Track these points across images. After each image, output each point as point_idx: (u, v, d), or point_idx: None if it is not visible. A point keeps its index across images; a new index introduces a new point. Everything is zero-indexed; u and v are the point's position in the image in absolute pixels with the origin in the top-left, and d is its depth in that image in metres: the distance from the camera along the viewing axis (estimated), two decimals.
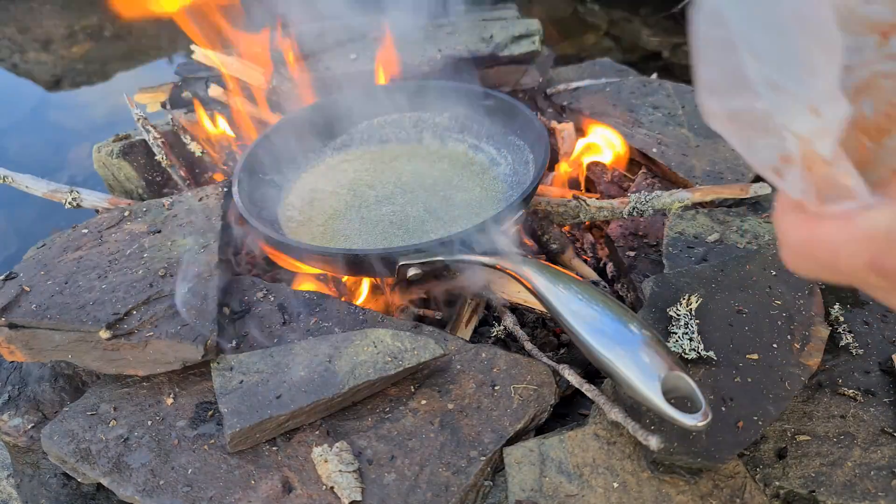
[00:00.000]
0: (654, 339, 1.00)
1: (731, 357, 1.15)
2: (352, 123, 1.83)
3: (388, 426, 1.17)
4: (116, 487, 1.11)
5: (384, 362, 1.19)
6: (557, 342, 1.48)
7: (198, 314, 1.25)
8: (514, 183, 1.61)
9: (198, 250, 1.41)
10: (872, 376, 1.21)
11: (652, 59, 2.88)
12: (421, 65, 2.02)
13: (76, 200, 1.67)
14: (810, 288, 1.29)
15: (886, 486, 1.04)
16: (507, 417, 1.16)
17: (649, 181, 1.77)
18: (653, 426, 1.04)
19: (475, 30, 2.15)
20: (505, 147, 1.71)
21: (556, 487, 1.06)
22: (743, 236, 1.49)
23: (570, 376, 1.17)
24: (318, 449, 1.11)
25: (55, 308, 1.26)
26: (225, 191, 1.61)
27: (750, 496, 1.04)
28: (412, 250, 1.28)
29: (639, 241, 1.62)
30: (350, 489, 1.05)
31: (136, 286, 1.31)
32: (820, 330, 1.21)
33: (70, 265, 1.39)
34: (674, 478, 1.06)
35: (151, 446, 1.15)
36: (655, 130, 1.86)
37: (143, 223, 1.51)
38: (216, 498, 1.08)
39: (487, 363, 1.25)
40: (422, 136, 1.82)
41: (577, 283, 1.12)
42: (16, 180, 1.70)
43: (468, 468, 1.09)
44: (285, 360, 1.21)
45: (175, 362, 1.21)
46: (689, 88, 2.06)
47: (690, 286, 1.28)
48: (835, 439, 1.12)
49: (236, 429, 1.10)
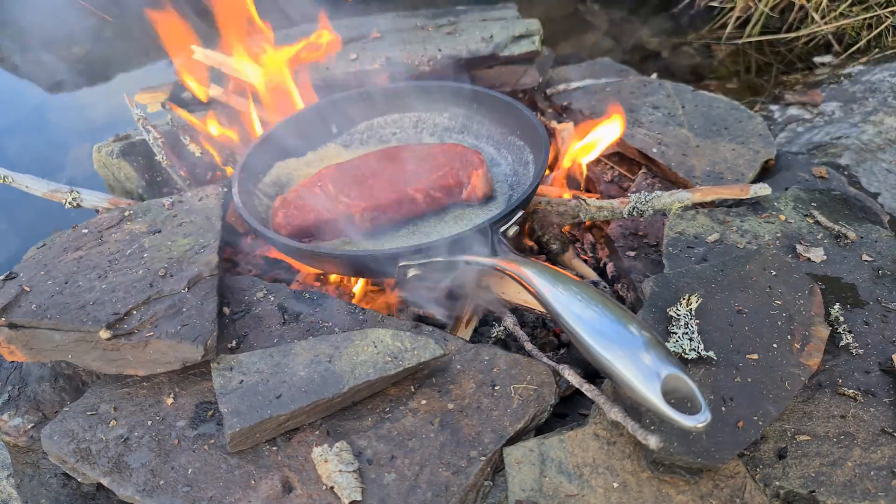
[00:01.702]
0: (653, 341, 1.00)
1: (731, 357, 1.15)
2: (352, 123, 1.83)
3: (388, 426, 1.17)
4: (116, 487, 1.11)
5: (384, 362, 1.19)
6: (557, 342, 1.48)
7: (198, 314, 1.25)
8: (513, 183, 1.61)
9: (198, 250, 1.41)
10: (872, 376, 1.21)
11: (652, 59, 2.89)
12: (421, 65, 2.02)
13: (76, 200, 1.67)
14: (810, 288, 1.29)
15: (886, 486, 1.04)
16: (507, 417, 1.16)
17: (649, 181, 1.77)
18: (653, 426, 1.04)
19: (475, 30, 2.15)
20: (505, 147, 1.71)
21: (556, 487, 1.06)
22: (743, 236, 1.49)
23: (570, 376, 1.17)
24: (318, 449, 1.11)
25: (55, 308, 1.26)
26: (225, 191, 1.61)
27: (750, 496, 1.04)
28: (412, 251, 1.28)
29: (639, 241, 1.62)
30: (350, 489, 1.05)
31: (136, 286, 1.31)
32: (820, 330, 1.21)
33: (70, 265, 1.39)
34: (674, 478, 1.06)
35: (151, 446, 1.15)
36: (655, 130, 1.86)
37: (143, 223, 1.51)
38: (216, 498, 1.08)
39: (487, 363, 1.25)
40: (422, 136, 1.82)
41: (576, 284, 1.12)
42: (16, 180, 1.69)
43: (468, 468, 1.09)
44: (285, 360, 1.21)
45: (175, 362, 1.21)
46: (688, 88, 2.06)
47: (690, 286, 1.28)
48: (835, 439, 1.11)
49: (236, 429, 1.10)
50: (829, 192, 1.65)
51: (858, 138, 1.97)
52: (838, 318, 1.29)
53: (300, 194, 1.49)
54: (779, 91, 2.43)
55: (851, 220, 1.55)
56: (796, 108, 2.25)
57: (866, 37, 2.55)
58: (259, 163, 1.64)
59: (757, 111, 2.27)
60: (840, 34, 2.67)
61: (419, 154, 1.53)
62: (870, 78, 2.27)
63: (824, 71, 2.50)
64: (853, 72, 2.35)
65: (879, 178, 1.86)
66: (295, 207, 1.47)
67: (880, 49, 2.48)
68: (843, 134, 2.01)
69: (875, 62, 2.38)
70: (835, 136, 2.01)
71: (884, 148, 1.93)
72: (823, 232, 1.50)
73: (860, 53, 2.53)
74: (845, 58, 2.55)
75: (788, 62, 2.72)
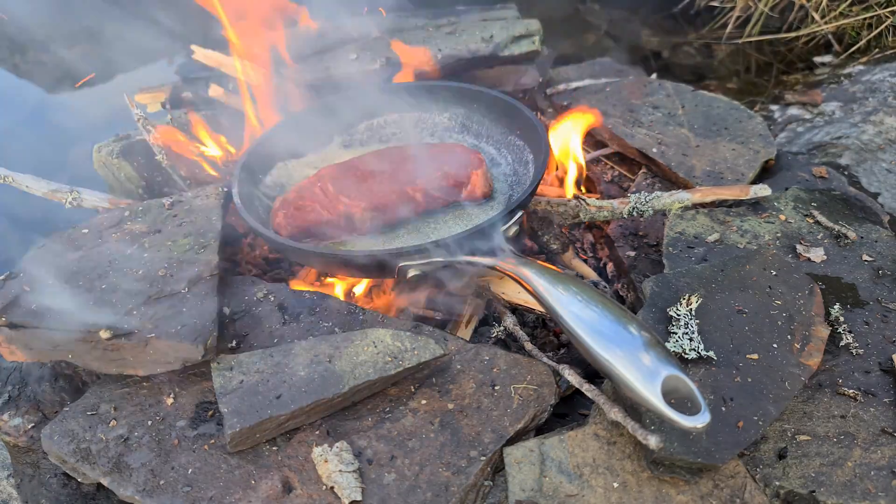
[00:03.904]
0: (653, 341, 1.00)
1: (731, 357, 1.15)
2: (352, 124, 1.83)
3: (388, 426, 1.17)
4: (116, 487, 1.11)
5: (384, 362, 1.19)
6: (557, 342, 1.48)
7: (198, 314, 1.25)
8: (513, 183, 1.61)
9: (198, 250, 1.41)
10: (872, 376, 1.21)
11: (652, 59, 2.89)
12: (421, 65, 2.02)
13: (76, 200, 1.67)
14: (810, 288, 1.29)
15: (886, 486, 1.04)
16: (507, 417, 1.16)
17: (649, 181, 1.77)
18: (653, 426, 1.04)
19: (475, 30, 2.15)
20: (505, 147, 1.71)
21: (556, 487, 1.06)
22: (743, 236, 1.49)
23: (570, 376, 1.17)
24: (318, 449, 1.11)
25: (55, 308, 1.26)
26: (225, 191, 1.61)
27: (750, 496, 1.04)
28: (412, 251, 1.28)
29: (639, 241, 1.62)
30: (350, 489, 1.05)
31: (136, 286, 1.31)
32: (820, 330, 1.21)
33: (70, 265, 1.39)
34: (674, 478, 1.06)
35: (151, 446, 1.15)
36: (655, 130, 1.86)
37: (143, 223, 1.51)
38: (216, 498, 1.08)
39: (487, 363, 1.25)
40: (422, 136, 1.81)
41: (576, 285, 1.12)
42: (16, 180, 1.69)
43: (468, 468, 1.09)
44: (285, 360, 1.21)
45: (175, 362, 1.21)
46: (688, 88, 2.06)
47: (690, 286, 1.28)
48: (835, 439, 1.11)
49: (236, 429, 1.10)
50: (830, 192, 1.65)
51: (858, 138, 1.97)
52: (838, 318, 1.29)
53: (300, 194, 1.49)
54: (779, 91, 2.43)
55: (851, 220, 1.55)
56: (796, 108, 2.24)
57: (866, 37, 2.55)
58: (259, 163, 1.64)
59: (757, 111, 2.27)
60: (840, 34, 2.67)
61: (419, 154, 1.53)
62: (870, 78, 2.27)
63: (824, 71, 2.50)
64: (853, 72, 2.35)
65: (879, 178, 1.86)
66: (295, 208, 1.47)
67: (880, 49, 2.47)
68: (843, 134, 2.01)
69: (875, 62, 2.38)
70: (835, 136, 2.01)
71: (884, 148, 1.93)
72: (823, 232, 1.50)
73: (860, 53, 2.52)
74: (845, 58, 2.55)
75: (788, 62, 2.71)
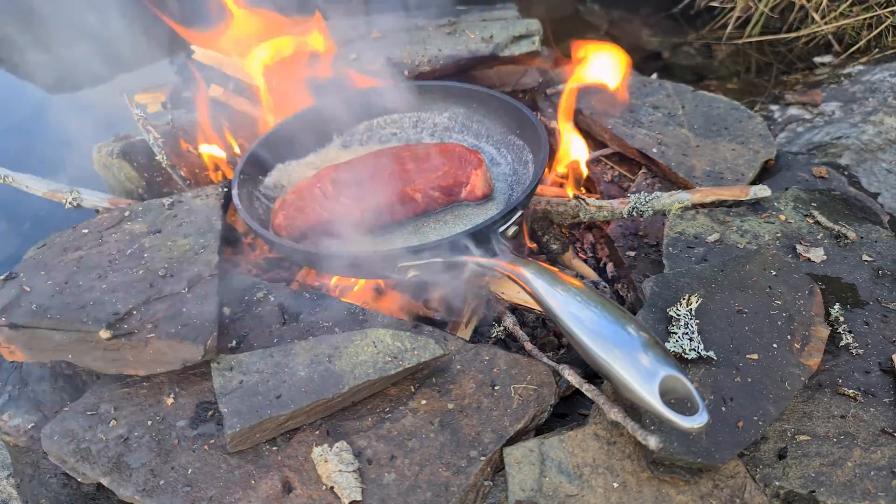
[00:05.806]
0: (651, 341, 1.00)
1: (731, 357, 1.15)
2: (352, 124, 1.83)
3: (388, 426, 1.17)
4: (116, 487, 1.11)
5: (384, 362, 1.19)
6: (557, 342, 1.48)
7: (198, 314, 1.25)
8: (513, 182, 1.61)
9: (198, 250, 1.41)
10: (872, 376, 1.21)
11: (652, 59, 2.88)
12: (421, 65, 2.02)
13: (76, 200, 1.67)
14: (810, 288, 1.29)
15: (886, 486, 1.04)
16: (507, 417, 1.16)
17: (649, 181, 1.77)
18: (652, 426, 1.04)
19: (475, 30, 2.15)
20: (505, 147, 1.71)
21: (556, 487, 1.06)
22: (743, 236, 1.49)
23: (570, 376, 1.17)
24: (318, 449, 1.11)
25: (55, 308, 1.26)
26: (225, 191, 1.61)
27: (750, 496, 1.04)
28: (412, 251, 1.28)
29: (639, 241, 1.62)
30: (350, 489, 1.05)
31: (136, 286, 1.31)
32: (820, 330, 1.21)
33: (70, 265, 1.39)
34: (674, 478, 1.06)
35: (151, 446, 1.15)
36: (655, 130, 1.86)
37: (144, 223, 1.51)
38: (216, 498, 1.08)
39: (487, 363, 1.25)
40: (421, 136, 1.81)
41: (575, 286, 1.12)
42: (16, 180, 1.69)
43: (468, 468, 1.09)
44: (285, 360, 1.21)
45: (175, 362, 1.21)
46: (689, 88, 2.06)
47: (690, 286, 1.28)
48: (835, 439, 1.11)
49: (236, 429, 1.10)
50: (829, 192, 1.64)
51: (858, 138, 1.97)
52: (838, 318, 1.29)
53: (300, 195, 1.49)
54: (779, 91, 2.43)
55: (851, 220, 1.55)
56: (796, 108, 2.24)
57: (866, 37, 2.55)
58: (259, 164, 1.64)
59: (757, 111, 2.27)
60: (840, 34, 2.67)
61: (419, 154, 1.53)
62: (870, 78, 2.27)
63: (824, 71, 2.50)
64: (853, 72, 2.35)
65: (879, 178, 1.86)
66: (295, 209, 1.47)
67: (880, 49, 2.47)
68: (843, 134, 2.01)
69: (875, 62, 2.38)
70: (835, 136, 2.01)
71: (884, 148, 1.93)
72: (823, 232, 1.50)
73: (860, 53, 2.52)
74: (845, 58, 2.55)
75: (788, 62, 2.71)
